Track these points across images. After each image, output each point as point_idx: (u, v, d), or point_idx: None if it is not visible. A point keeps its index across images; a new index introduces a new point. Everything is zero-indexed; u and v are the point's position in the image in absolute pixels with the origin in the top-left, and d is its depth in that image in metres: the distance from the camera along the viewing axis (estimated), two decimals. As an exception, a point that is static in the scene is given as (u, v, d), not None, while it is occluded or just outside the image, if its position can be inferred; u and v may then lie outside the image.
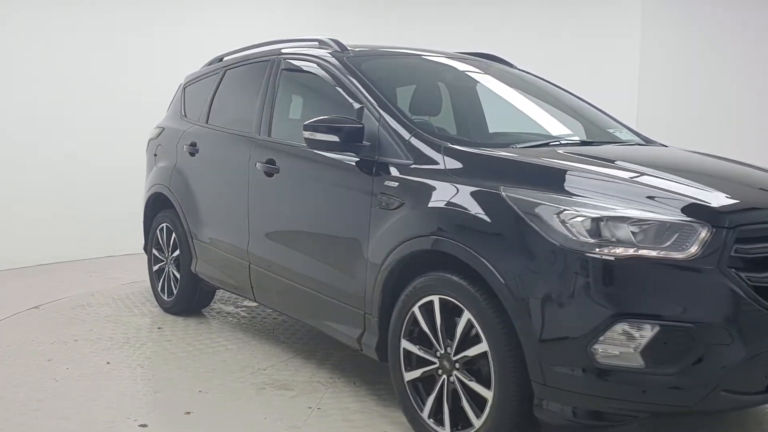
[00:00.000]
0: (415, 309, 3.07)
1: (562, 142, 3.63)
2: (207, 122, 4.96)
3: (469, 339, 2.85)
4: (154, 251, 5.43)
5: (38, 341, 4.54)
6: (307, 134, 3.45)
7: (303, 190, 3.85)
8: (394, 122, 3.36)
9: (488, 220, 2.77)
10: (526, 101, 4.28)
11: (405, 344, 3.14)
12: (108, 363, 4.14)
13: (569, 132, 4.01)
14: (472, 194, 2.86)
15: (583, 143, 3.64)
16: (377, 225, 3.26)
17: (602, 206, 2.58)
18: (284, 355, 4.29)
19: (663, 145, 3.95)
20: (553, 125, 4.14)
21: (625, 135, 4.02)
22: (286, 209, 3.96)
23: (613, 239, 2.50)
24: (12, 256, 6.69)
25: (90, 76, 7.11)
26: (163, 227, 5.28)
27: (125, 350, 4.37)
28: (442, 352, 2.97)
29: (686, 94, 7.11)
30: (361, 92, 3.59)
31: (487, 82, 4.38)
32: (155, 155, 5.48)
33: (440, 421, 3.00)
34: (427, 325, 3.03)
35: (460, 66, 4.34)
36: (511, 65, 4.64)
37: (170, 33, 7.52)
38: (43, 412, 3.42)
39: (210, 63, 5.41)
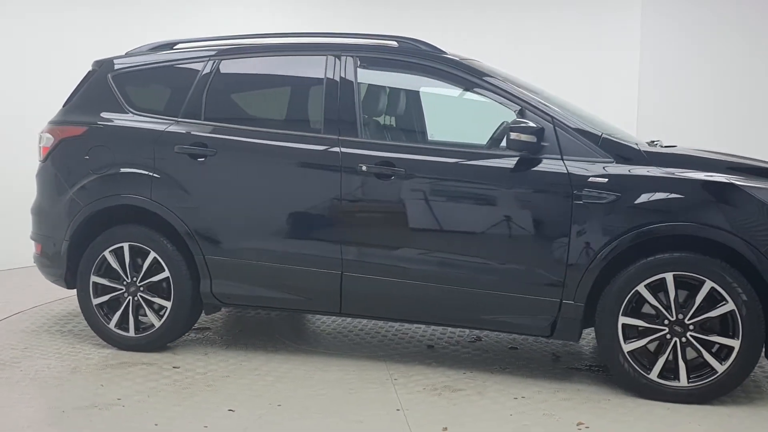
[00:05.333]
0: (640, 287, 3.57)
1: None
2: (203, 119, 4.25)
3: (704, 304, 3.51)
4: (97, 279, 4.35)
5: (69, 409, 3.40)
6: (514, 135, 3.59)
7: (449, 192, 3.84)
8: (580, 124, 3.74)
9: (732, 207, 3.48)
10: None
11: (624, 320, 3.61)
12: (231, 410, 3.43)
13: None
14: (704, 187, 3.52)
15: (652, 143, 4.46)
16: (584, 218, 3.62)
17: None
18: (375, 362, 4.14)
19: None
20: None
21: None
22: (422, 212, 3.86)
23: None
24: None
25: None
26: (121, 248, 4.29)
27: (207, 399, 3.62)
28: (673, 319, 3.55)
29: (686, 94, 7.24)
30: (516, 96, 3.82)
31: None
32: (87, 158, 4.36)
33: (668, 378, 3.58)
34: (655, 299, 3.56)
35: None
36: None
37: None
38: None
39: (155, 49, 4.56)
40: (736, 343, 3.49)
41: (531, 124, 3.63)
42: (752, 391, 3.75)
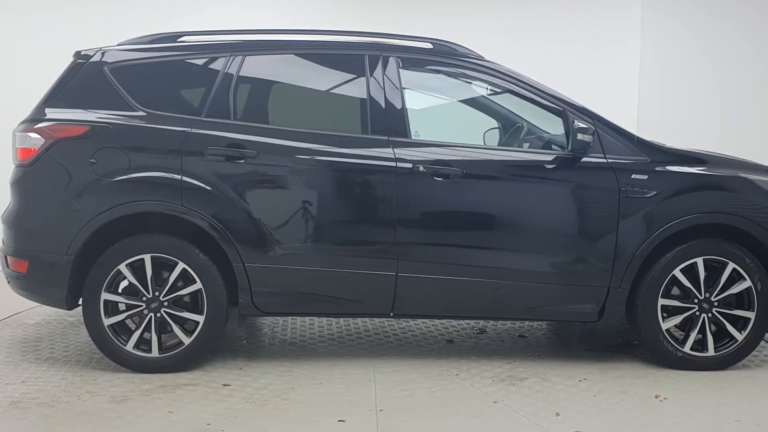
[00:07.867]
0: (676, 272, 4.04)
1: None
2: (233, 119, 3.99)
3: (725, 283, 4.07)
4: (109, 297, 3.90)
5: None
6: (581, 137, 3.86)
7: (504, 190, 4.01)
8: (617, 126, 4.11)
9: (748, 197, 4.06)
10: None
11: (663, 301, 4.05)
12: (342, 421, 3.30)
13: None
14: (729, 180, 4.07)
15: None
16: (629, 211, 4.00)
17: None
18: (424, 360, 4.19)
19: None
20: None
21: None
22: (478, 210, 3.99)
23: None
24: None
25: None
26: (142, 260, 3.89)
27: (303, 413, 3.45)
28: (702, 297, 4.06)
29: (686, 95, 7.25)
30: (558, 100, 4.10)
31: None
32: (93, 162, 3.88)
33: (697, 349, 4.08)
34: (687, 281, 4.04)
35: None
36: None
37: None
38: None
39: (157, 42, 4.17)
40: (752, 315, 4.08)
41: (585, 125, 3.92)
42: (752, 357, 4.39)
